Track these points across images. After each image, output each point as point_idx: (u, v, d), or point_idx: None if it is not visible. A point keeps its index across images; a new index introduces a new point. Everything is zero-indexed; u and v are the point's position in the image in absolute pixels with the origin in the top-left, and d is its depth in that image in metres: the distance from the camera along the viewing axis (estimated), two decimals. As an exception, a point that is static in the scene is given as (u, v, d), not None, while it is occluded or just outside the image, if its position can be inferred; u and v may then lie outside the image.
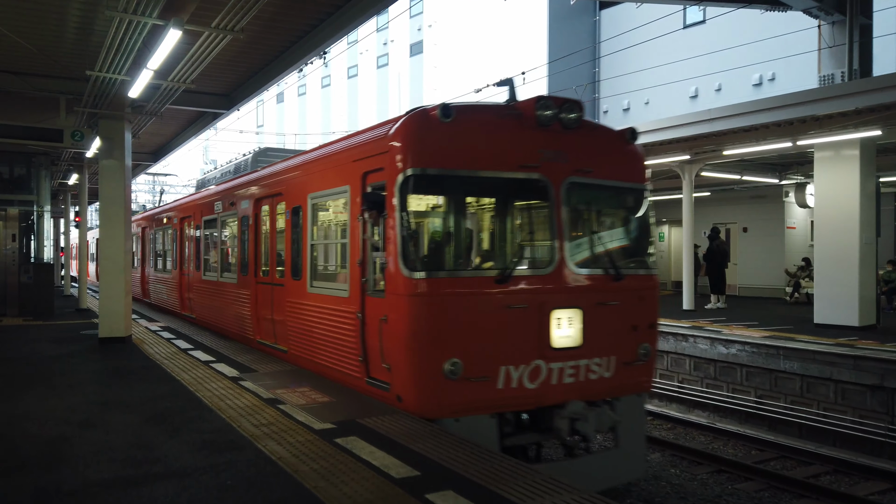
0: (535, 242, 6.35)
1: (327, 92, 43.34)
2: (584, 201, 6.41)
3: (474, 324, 5.48)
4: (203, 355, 9.02)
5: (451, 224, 6.41)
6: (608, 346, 6.07)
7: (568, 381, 5.84)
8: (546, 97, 5.94)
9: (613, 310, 6.09)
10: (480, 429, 5.49)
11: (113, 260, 9.96)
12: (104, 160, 9.90)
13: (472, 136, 5.65)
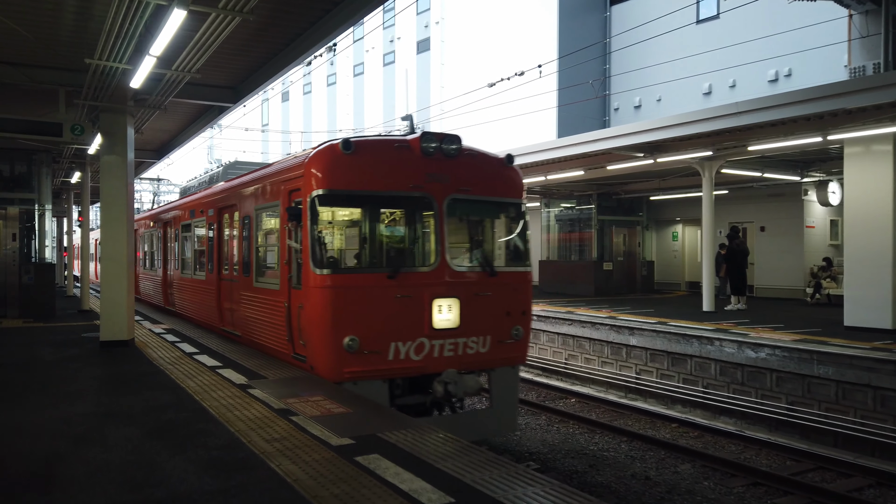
0: (422, 246, 7.71)
1: (333, 90, 42.92)
2: (464, 213, 7.89)
3: (369, 309, 6.91)
4: (209, 360, 8.58)
5: (353, 231, 7.95)
6: (483, 328, 7.48)
7: (448, 354, 7.27)
8: (430, 133, 7.40)
9: (488, 299, 7.52)
10: (374, 391, 6.90)
11: (114, 260, 9.53)
12: (105, 156, 9.47)
13: (370, 163, 7.11)
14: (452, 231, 7.63)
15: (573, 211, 21.92)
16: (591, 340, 13.56)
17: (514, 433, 9.14)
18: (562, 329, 14.25)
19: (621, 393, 12.66)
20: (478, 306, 7.40)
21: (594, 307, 15.78)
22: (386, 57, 37.84)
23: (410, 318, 7.05)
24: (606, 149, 13.77)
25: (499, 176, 7.93)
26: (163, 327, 12.37)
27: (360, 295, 6.91)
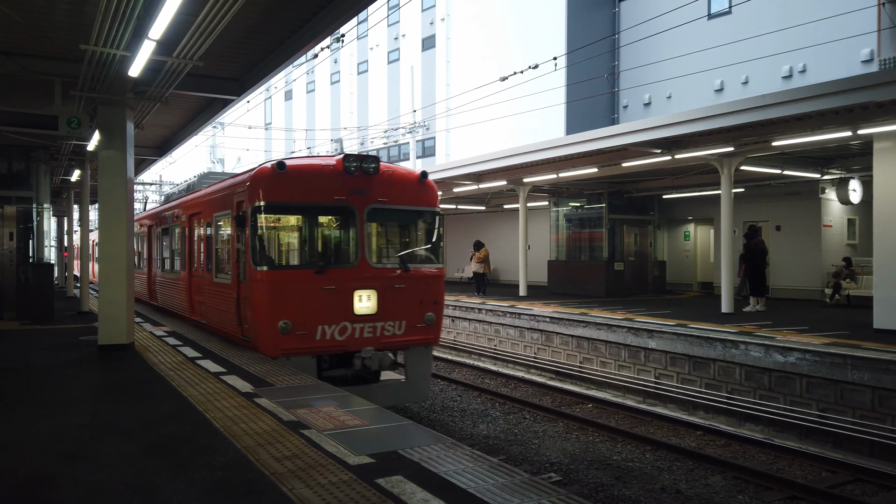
0: (346, 246, 9.04)
1: (336, 88, 42.47)
2: (382, 220, 9.48)
3: (300, 299, 8.36)
4: (213, 365, 8.13)
5: (287, 235, 9.13)
6: (398, 314, 8.98)
7: (367, 336, 8.76)
8: (351, 155, 8.86)
9: (403, 291, 9.00)
10: (304, 365, 8.26)
11: (113, 260, 9.08)
12: (103, 151, 9.02)
13: (300, 180, 8.57)
14: (372, 234, 9.42)
15: (583, 210, 21.45)
16: (607, 343, 13.09)
17: (425, 402, 11.11)
18: (576, 331, 13.78)
19: (639, 398, 12.20)
20: (393, 297, 8.98)
21: (608, 309, 15.32)
22: (390, 55, 37.38)
23: (335, 306, 8.55)
24: (623, 145, 13.30)
25: (414, 188, 9.46)
26: (164, 329, 11.93)
27: (292, 287, 8.47)
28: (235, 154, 52.77)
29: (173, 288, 13.52)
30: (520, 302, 17.23)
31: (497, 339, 16.37)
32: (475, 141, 29.72)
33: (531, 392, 12.89)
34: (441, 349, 17.83)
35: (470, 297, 19.20)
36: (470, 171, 18.40)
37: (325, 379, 8.11)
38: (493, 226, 27.53)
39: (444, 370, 15.01)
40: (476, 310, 17.08)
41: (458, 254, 29.56)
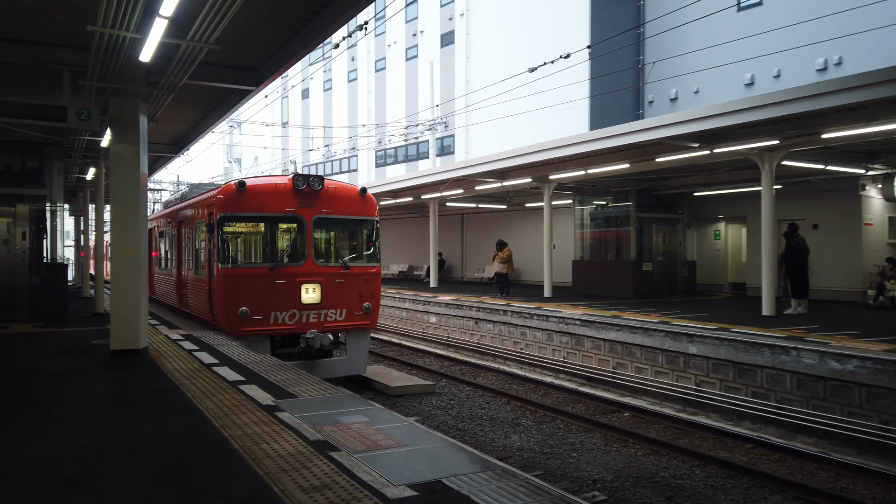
0: (295, 248, 10.93)
1: (354, 86, 42.01)
2: (326, 227, 11.35)
3: (256, 290, 10.21)
4: (230, 373, 7.60)
5: (246, 239, 11.19)
6: (339, 304, 10.91)
7: (313, 320, 10.68)
8: (299, 175, 10.72)
9: (343, 285, 10.95)
10: (260, 344, 10.12)
11: (125, 260, 8.58)
12: (115, 145, 8.52)
13: (257, 196, 10.43)
14: (318, 239, 11.35)
15: (609, 208, 20.75)
16: (642, 348, 12.42)
17: (362, 373, 12.38)
18: (609, 335, 13.12)
19: (678, 406, 11.51)
20: (335, 289, 10.93)
21: (640, 311, 14.63)
22: (408, 51, 36.83)
23: (286, 296, 10.47)
24: (659, 138, 12.61)
25: (355, 201, 11.51)
26: (180, 333, 11.44)
27: (249, 281, 10.37)
28: (252, 153, 52.57)
29: (167, 284, 15.82)
30: (546, 303, 16.58)
31: (523, 342, 15.74)
32: (495, 138, 29.08)
33: (562, 399, 12.24)
34: (465, 352, 17.24)
35: (493, 298, 18.59)
36: (493, 169, 17.78)
37: (276, 355, 9.99)
38: (515, 225, 26.89)
39: (470, 374, 14.41)
40: (501, 311, 16.46)
41: (479, 254, 28.97)
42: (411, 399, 12.03)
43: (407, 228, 33.00)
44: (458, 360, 16.13)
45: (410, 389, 12.41)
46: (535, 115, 26.44)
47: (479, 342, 17.16)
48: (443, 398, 12.10)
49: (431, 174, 20.37)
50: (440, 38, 34.10)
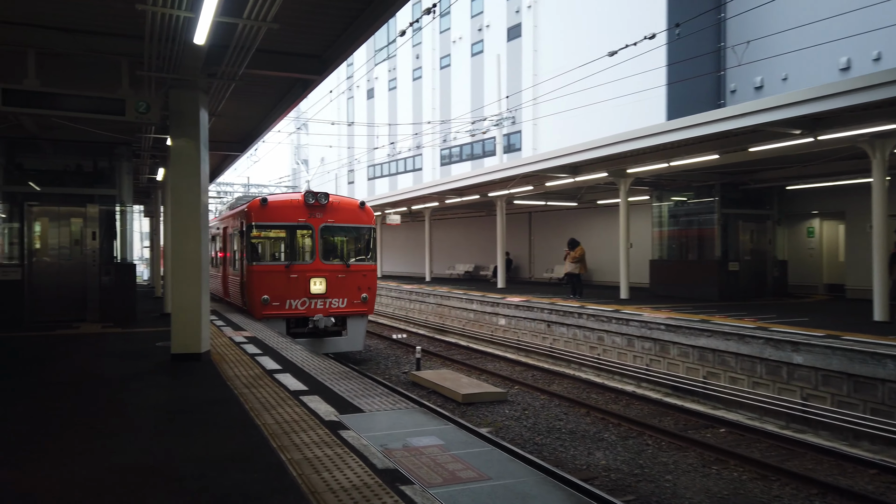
0: (306, 250, 13.74)
1: (418, 84, 41.62)
2: (331, 233, 13.98)
3: (275, 283, 12.98)
4: (292, 381, 7.05)
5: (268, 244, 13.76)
6: (341, 294, 13.59)
7: (319, 307, 13.40)
8: (309, 192, 13.58)
9: (344, 279, 13.59)
10: (278, 325, 12.85)
11: (186, 260, 8.19)
12: (175, 140, 8.15)
13: (277, 209, 13.36)
14: (325, 243, 13.78)
15: (691, 204, 19.42)
16: (737, 356, 11.27)
17: (360, 351, 15.27)
18: (698, 341, 12.00)
19: (781, 422, 10.33)
20: (338, 282, 13.54)
21: (730, 315, 13.41)
22: (474, 47, 36.09)
23: (298, 287, 13.13)
24: (755, 125, 11.40)
25: (355, 212, 14.22)
26: (244, 335, 11.08)
27: (271, 276, 13.06)
28: (319, 154, 53.08)
29: (218, 279, 18.47)
30: (624, 306, 15.52)
31: (600, 347, 14.74)
32: (563, 133, 27.97)
33: (647, 410, 11.24)
34: (537, 357, 16.37)
35: (565, 299, 17.63)
36: (566, 163, 16.84)
37: (291, 334, 13.11)
38: (585, 223, 25.77)
39: (543, 381, 13.55)
40: (575, 314, 15.51)
41: (547, 253, 27.97)
42: (482, 407, 11.30)
43: (472, 227, 32.30)
44: (529, 364, 15.30)
45: (481, 397, 11.67)
46: (607, 108, 25.24)
47: (551, 346, 16.26)
48: (516, 407, 11.32)
49: (500, 170, 19.59)
50: (507, 32, 33.20)
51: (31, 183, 13.23)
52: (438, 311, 22.41)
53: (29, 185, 13.20)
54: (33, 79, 7.13)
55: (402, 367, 15.06)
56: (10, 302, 12.54)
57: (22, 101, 6.99)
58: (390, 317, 25.79)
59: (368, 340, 18.79)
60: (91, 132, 11.89)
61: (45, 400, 6.34)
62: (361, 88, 49.16)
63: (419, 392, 12.47)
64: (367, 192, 46.95)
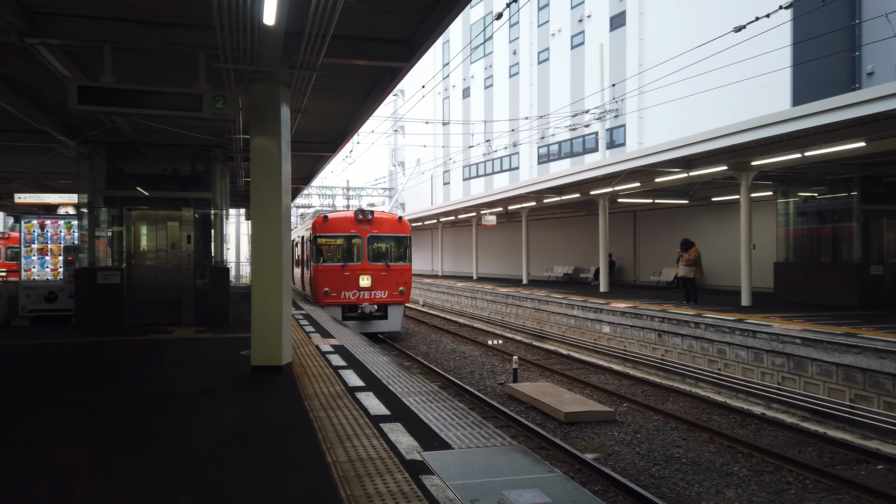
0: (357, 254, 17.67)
1: (515, 81, 40.51)
2: (377, 242, 17.98)
3: (333, 279, 17.34)
4: (374, 403, 6.29)
5: (328, 249, 17.68)
6: (384, 288, 17.59)
7: (366, 297, 17.52)
8: (359, 209, 18.11)
9: (386, 276, 17.60)
10: (336, 311, 17.11)
11: (265, 267, 7.64)
12: (255, 138, 7.63)
13: (335, 223, 17.95)
14: (371, 248, 17.62)
15: (824, 200, 17.27)
16: (894, 378, 9.51)
17: (399, 330, 18.87)
18: (844, 359, 10.30)
19: (957, 461, 8.54)
20: (381, 279, 17.21)
21: (880, 327, 11.51)
22: (574, 39, 34.57)
23: (350, 282, 16.90)
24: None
25: (394, 224, 18.28)
26: (332, 344, 10.54)
27: (330, 273, 16.85)
28: (415, 156, 53.09)
29: (300, 278, 22.15)
30: (747, 314, 13.84)
31: (721, 361, 13.17)
32: (671, 127, 26.03)
33: (783, 438, 9.71)
34: (647, 370, 14.95)
35: (678, 306, 16.07)
36: (679, 156, 15.29)
37: (345, 318, 17.02)
38: (697, 222, 23.81)
39: (655, 398, 12.20)
40: (691, 324, 13.99)
41: (654, 255, 26.14)
42: (587, 428, 10.17)
43: (572, 228, 30.86)
44: (638, 378, 13.93)
45: (586, 416, 10.53)
46: (720, 99, 23.18)
47: (663, 358, 14.78)
48: (626, 429, 10.11)
49: (603, 166, 18.21)
50: (609, 22, 31.48)
51: (131, 188, 13.37)
52: (536, 316, 21.29)
53: (130, 190, 13.35)
54: (109, 75, 6.78)
55: (498, 377, 14.13)
56: (111, 306, 12.68)
57: (97, 99, 6.65)
58: (485, 321, 24.91)
59: (464, 346, 18.40)
60: (185, 135, 11.78)
61: (112, 416, 5.91)
62: (457, 88, 48.64)
63: (516, 407, 11.50)
64: (462, 193, 46.35)
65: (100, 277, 12.70)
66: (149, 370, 8.31)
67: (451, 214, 33.46)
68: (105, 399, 6.66)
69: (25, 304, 13.52)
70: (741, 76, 21.17)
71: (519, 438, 9.58)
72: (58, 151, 13.66)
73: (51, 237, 13.83)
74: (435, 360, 16.34)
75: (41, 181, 19.34)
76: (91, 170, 12.99)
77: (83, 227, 13.03)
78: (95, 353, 9.70)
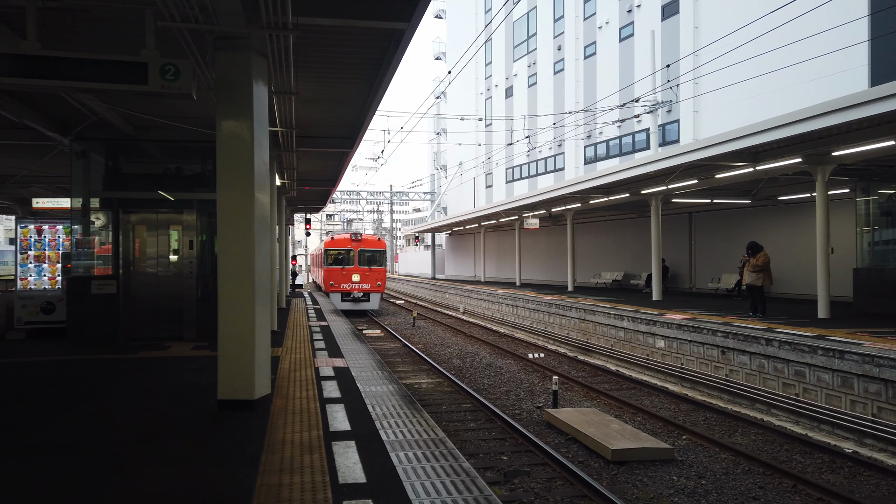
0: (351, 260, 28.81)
1: (560, 78, 38.59)
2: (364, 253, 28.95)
3: (336, 275, 28.51)
4: (352, 459, 4.74)
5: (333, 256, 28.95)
6: (367, 282, 28.67)
7: (356, 287, 28.64)
8: (354, 232, 29.64)
9: (370, 275, 28.66)
10: (337, 298, 28.49)
11: (236, 276, 6.19)
12: (221, 120, 6.20)
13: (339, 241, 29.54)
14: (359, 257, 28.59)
15: (914, 196, 15.04)
16: None
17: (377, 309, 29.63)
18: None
19: None
20: (365, 276, 28.33)
21: None
22: (622, 31, 32.51)
23: (347, 278, 28.24)
24: None
25: (375, 242, 29.61)
26: (335, 366, 9.05)
27: (334, 272, 28.37)
28: (457, 157, 51.63)
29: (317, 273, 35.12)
30: (828, 329, 11.81)
31: (799, 385, 11.17)
32: (730, 119, 23.76)
33: (887, 487, 7.76)
34: (708, 391, 12.98)
35: (744, 318, 14.06)
36: (743, 147, 13.32)
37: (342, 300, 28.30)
38: (760, 223, 21.54)
39: (721, 429, 10.32)
40: (761, 340, 12.00)
41: (712, 259, 23.91)
42: (639, 468, 8.39)
43: (621, 230, 28.79)
44: (699, 402, 12.03)
45: (638, 454, 8.75)
46: (786, 86, 20.92)
47: (727, 379, 12.81)
48: (687, 471, 8.31)
49: (656, 161, 16.30)
50: (661, 10, 29.34)
51: (128, 188, 12.21)
52: (581, 327, 19.44)
53: (128, 191, 12.19)
54: (33, 41, 5.44)
55: (537, 399, 12.45)
56: (105, 318, 11.53)
57: (16, 69, 5.32)
58: (527, 331, 23.14)
59: (501, 360, 16.53)
60: (186, 129, 10.56)
61: (22, 472, 4.53)
62: (500, 88, 46.96)
63: (555, 438, 9.80)
64: (505, 195, 44.59)
65: (94, 287, 11.56)
66: (106, 402, 6.95)
67: (493, 218, 31.82)
68: (22, 446, 5.30)
69: (21, 316, 12.53)
70: (810, 55, 18.93)
71: (556, 481, 7.92)
72: (60, 151, 12.68)
73: (49, 243, 12.81)
74: (468, 376, 14.74)
75: (59, 184, 18.58)
76: (85, 169, 11.89)
77: (77, 232, 11.93)
78: (62, 377, 8.44)
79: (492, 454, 8.97)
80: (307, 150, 13.45)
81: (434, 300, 38.79)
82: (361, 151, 77.82)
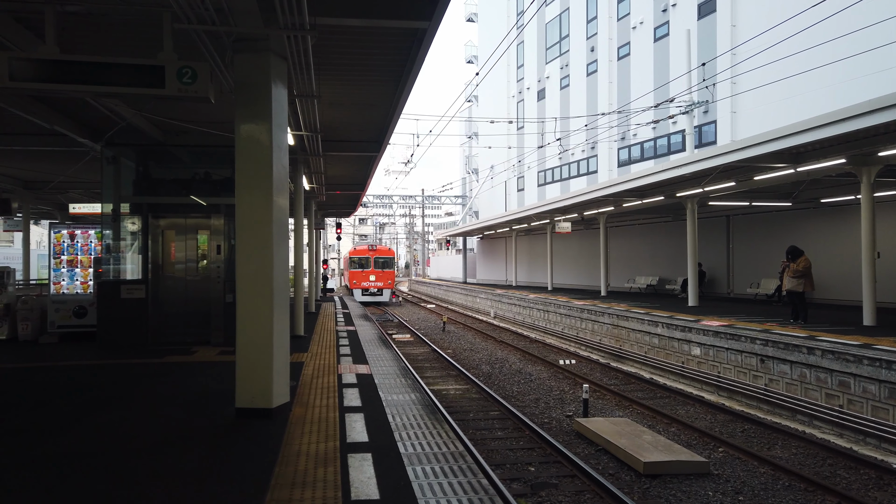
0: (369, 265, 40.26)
1: (593, 79, 38.07)
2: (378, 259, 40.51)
3: (358, 276, 40.29)
4: (367, 473, 4.56)
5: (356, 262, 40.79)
6: (381, 280, 40.47)
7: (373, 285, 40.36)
8: (371, 245, 42.54)
9: (382, 275, 40.41)
10: (358, 293, 40.02)
11: (255, 282, 6.09)
12: (240, 123, 6.11)
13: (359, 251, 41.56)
14: (375, 262, 39.98)
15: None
16: None
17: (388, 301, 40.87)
18: None
19: None
20: (379, 276, 39.89)
21: None
22: (657, 31, 31.88)
23: (366, 278, 39.74)
24: None
25: (387, 251, 41.00)
26: (359, 373, 8.91)
27: (357, 273, 39.93)
28: (489, 161, 51.38)
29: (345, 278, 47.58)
30: (874, 338, 11.27)
31: (843, 395, 10.66)
32: (770, 122, 23.05)
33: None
34: (746, 401, 12.49)
35: (784, 325, 13.53)
36: (784, 148, 12.84)
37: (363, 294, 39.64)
38: (801, 227, 20.82)
39: (759, 441, 9.87)
40: (803, 348, 11.51)
41: (751, 264, 23.20)
42: (672, 483, 8.05)
43: (656, 234, 28.18)
44: (736, 413, 11.56)
45: (671, 467, 8.40)
46: (828, 86, 20.21)
47: (767, 389, 12.31)
48: (724, 486, 7.94)
49: (692, 162, 15.85)
50: (697, 9, 28.68)
51: (157, 193, 12.29)
52: (614, 333, 19.01)
53: (157, 196, 12.28)
54: (52, 45, 5.42)
55: (567, 407, 12.14)
56: (135, 322, 11.61)
57: (35, 74, 5.29)
58: (558, 336, 22.76)
59: (531, 367, 16.30)
60: (215, 134, 10.57)
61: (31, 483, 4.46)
62: (532, 90, 46.58)
63: (585, 449, 9.50)
64: (536, 199, 44.16)
65: (123, 291, 11.66)
66: (127, 408, 6.92)
67: (524, 221, 31.49)
68: (28, 456, 5.25)
69: (54, 320, 12.70)
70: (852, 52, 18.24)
71: (585, 494, 7.63)
72: (93, 157, 12.84)
73: (81, 248, 12.97)
74: (497, 382, 14.49)
75: (95, 190, 18.90)
76: (115, 175, 12.01)
77: (108, 237, 12.04)
78: (87, 382, 8.46)
79: (519, 464, 8.72)
80: (334, 154, 13.38)
81: (465, 304, 38.74)
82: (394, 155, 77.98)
